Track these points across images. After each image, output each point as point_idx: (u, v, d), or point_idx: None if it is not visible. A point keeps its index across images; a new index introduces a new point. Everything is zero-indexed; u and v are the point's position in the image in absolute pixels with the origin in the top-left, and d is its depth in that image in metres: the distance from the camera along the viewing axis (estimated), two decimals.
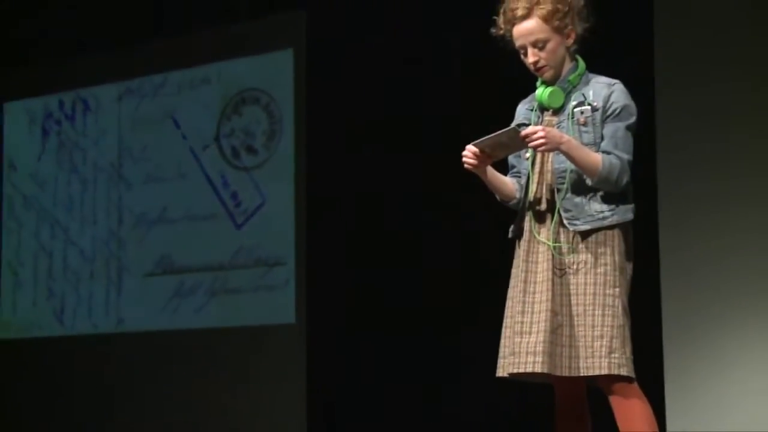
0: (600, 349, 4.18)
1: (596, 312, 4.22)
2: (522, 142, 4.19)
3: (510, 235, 4.47)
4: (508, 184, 4.47)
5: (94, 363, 9.76)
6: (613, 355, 4.17)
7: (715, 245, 7.17)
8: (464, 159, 4.28)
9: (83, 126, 10.06)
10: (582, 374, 4.24)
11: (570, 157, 4.22)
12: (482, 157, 4.27)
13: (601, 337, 4.19)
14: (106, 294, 9.80)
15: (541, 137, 4.13)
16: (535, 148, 4.21)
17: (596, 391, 4.35)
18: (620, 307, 4.23)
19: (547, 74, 4.34)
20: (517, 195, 4.45)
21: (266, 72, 9.19)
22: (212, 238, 9.29)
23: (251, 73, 9.26)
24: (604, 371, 4.16)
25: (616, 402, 4.25)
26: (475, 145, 4.23)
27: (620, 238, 4.30)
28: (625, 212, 4.31)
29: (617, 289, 4.25)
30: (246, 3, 9.11)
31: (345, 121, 8.51)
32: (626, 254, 4.33)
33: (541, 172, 4.39)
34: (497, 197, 4.51)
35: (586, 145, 4.26)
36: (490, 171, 4.41)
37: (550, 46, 4.30)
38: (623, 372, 4.19)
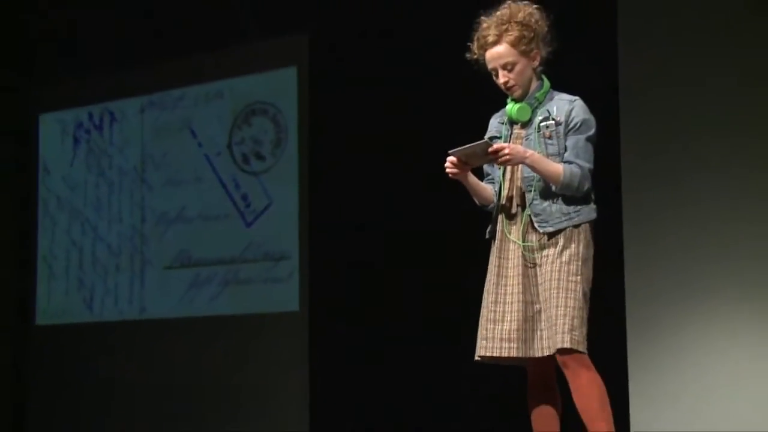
0: (563, 327, 4.28)
1: (560, 295, 4.33)
2: (492, 154, 4.31)
3: (487, 236, 4.59)
4: (487, 189, 4.58)
5: (120, 347, 9.82)
6: (573, 333, 4.27)
7: (678, 240, 7.14)
8: (446, 168, 4.41)
9: (110, 135, 10.11)
10: (552, 352, 4.33)
11: (534, 170, 4.36)
12: (460, 165, 4.38)
13: (564, 316, 4.29)
14: (130, 285, 9.86)
15: (506, 154, 4.30)
16: (501, 163, 4.36)
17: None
18: (581, 293, 4.34)
19: (516, 93, 4.46)
20: (495, 200, 4.55)
21: (273, 87, 9.25)
22: (225, 235, 9.35)
23: (259, 88, 9.31)
24: (566, 345, 4.26)
25: (572, 376, 4.34)
26: (452, 153, 4.33)
27: (585, 234, 4.42)
28: (589, 212, 4.44)
29: (579, 277, 4.35)
30: (255, 26, 9.10)
31: (344, 129, 8.56)
32: (589, 248, 4.44)
33: (511, 180, 4.51)
34: (477, 201, 4.62)
35: (551, 155, 4.39)
36: (471, 178, 4.52)
37: (518, 68, 4.42)
38: (581, 348, 4.29)
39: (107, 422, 9.72)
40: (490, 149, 4.28)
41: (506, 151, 4.30)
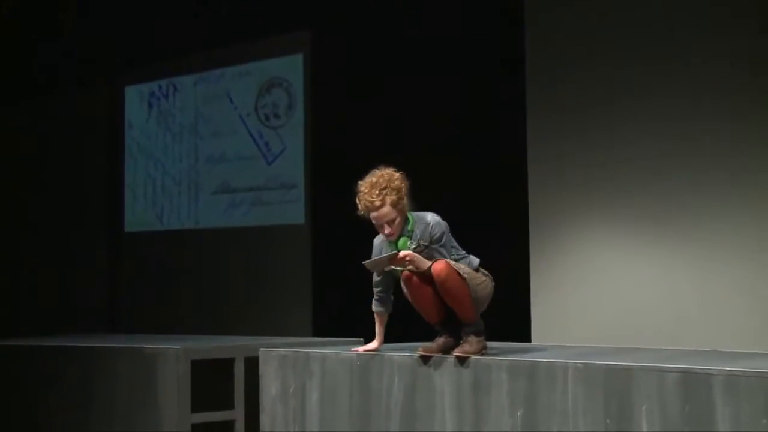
0: None
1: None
2: (397, 260, 4.07)
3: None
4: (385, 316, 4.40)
5: (182, 249, 9.66)
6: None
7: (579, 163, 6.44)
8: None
9: (173, 101, 9.85)
10: None
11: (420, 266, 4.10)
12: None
13: None
14: (188, 204, 9.65)
15: (411, 259, 4.06)
16: (406, 264, 4.08)
17: None
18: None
19: (393, 238, 4.17)
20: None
21: (286, 67, 8.98)
22: (252, 170, 9.13)
23: (277, 68, 9.07)
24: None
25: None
26: (365, 264, 4.12)
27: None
28: (470, 262, 4.21)
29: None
30: (274, 25, 8.83)
31: (336, 97, 8.33)
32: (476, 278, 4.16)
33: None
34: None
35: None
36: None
37: (396, 221, 4.14)
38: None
39: (175, 299, 9.55)
40: (398, 256, 4.07)
41: (408, 257, 4.06)
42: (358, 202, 4.16)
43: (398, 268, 4.14)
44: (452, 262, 4.05)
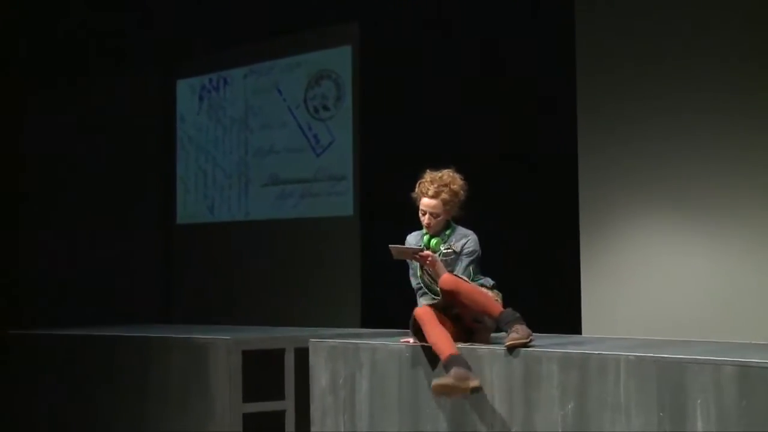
0: None
1: None
2: (420, 257, 4.27)
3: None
4: None
5: (231, 238, 9.69)
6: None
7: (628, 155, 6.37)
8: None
9: (224, 94, 9.87)
10: None
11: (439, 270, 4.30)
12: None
13: None
14: (238, 197, 9.66)
15: (430, 259, 4.27)
16: (426, 264, 4.30)
17: None
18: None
19: (430, 231, 4.43)
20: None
21: (335, 59, 8.93)
22: (302, 162, 9.11)
23: (326, 60, 9.02)
24: None
25: None
26: (390, 247, 4.27)
27: None
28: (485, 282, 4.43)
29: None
30: (323, 17, 8.84)
31: (384, 89, 8.31)
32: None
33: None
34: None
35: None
36: None
37: (439, 218, 4.40)
38: None
39: (226, 290, 9.57)
40: (421, 254, 4.28)
41: (430, 258, 4.28)
42: (417, 185, 4.42)
43: (416, 264, 4.36)
44: (455, 273, 4.23)
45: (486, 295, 4.20)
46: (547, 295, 6.73)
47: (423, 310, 4.24)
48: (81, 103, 10.33)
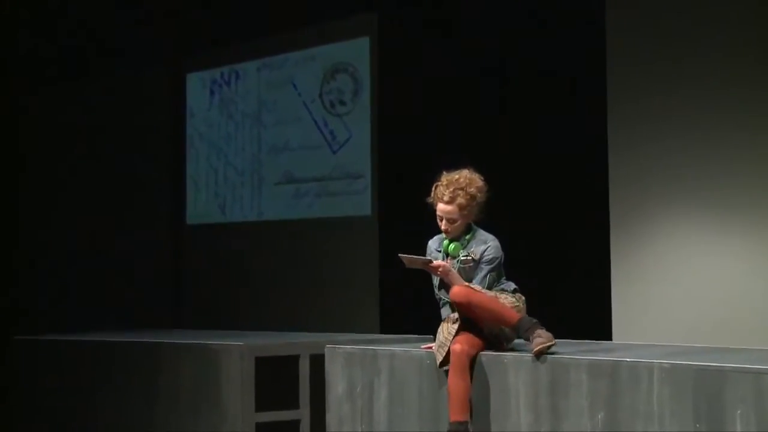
0: None
1: None
2: (431, 267, 4.27)
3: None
4: None
5: (243, 238, 9.68)
6: None
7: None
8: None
9: (236, 88, 9.86)
10: None
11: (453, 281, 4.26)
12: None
13: None
14: (251, 196, 9.65)
15: (442, 269, 4.25)
16: (437, 274, 4.30)
17: None
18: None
19: (449, 236, 4.36)
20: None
21: (352, 52, 8.90)
22: (317, 160, 9.09)
23: (342, 53, 8.99)
24: None
25: None
26: (400, 257, 4.26)
27: None
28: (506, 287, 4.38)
29: None
30: (339, 8, 8.80)
31: (402, 83, 8.26)
32: None
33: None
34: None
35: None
36: None
37: (457, 223, 4.32)
38: None
39: (238, 292, 9.59)
40: (431, 264, 4.26)
41: (441, 269, 4.25)
42: (433, 189, 4.33)
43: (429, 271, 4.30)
44: (467, 284, 4.18)
45: (501, 304, 4.13)
46: (576, 300, 6.67)
47: (459, 348, 4.15)
48: (90, 96, 10.37)
